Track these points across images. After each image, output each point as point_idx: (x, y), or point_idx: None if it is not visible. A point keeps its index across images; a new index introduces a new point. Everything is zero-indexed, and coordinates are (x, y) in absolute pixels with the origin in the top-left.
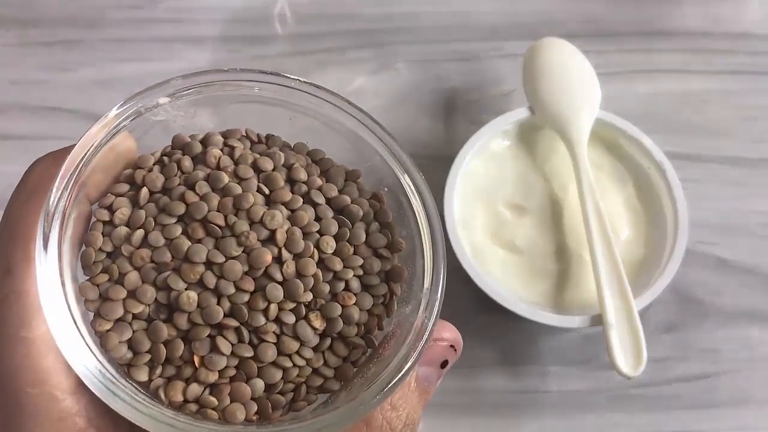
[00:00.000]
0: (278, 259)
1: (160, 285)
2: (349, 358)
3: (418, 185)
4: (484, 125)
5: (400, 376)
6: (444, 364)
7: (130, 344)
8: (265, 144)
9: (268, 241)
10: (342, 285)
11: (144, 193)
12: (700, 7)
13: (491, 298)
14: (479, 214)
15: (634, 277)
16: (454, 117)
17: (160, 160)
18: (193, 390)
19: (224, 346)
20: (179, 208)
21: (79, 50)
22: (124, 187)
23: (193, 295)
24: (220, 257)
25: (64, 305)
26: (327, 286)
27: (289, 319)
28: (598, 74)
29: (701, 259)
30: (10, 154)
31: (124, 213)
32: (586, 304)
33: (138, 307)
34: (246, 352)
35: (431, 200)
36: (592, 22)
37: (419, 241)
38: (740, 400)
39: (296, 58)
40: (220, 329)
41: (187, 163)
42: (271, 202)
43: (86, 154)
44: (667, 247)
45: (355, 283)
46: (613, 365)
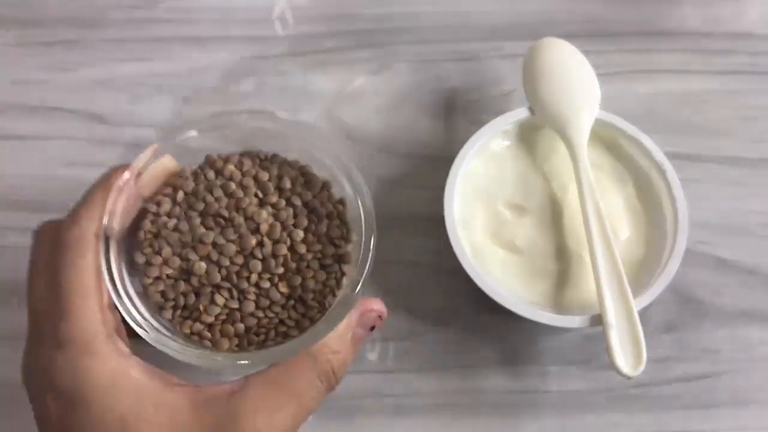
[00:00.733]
0: (261, 244)
1: (183, 257)
2: (306, 314)
3: (363, 198)
4: (484, 125)
5: (338, 322)
6: (372, 329)
7: (162, 294)
8: (268, 161)
9: (256, 231)
10: (305, 264)
11: (180, 194)
12: (699, 8)
13: (491, 298)
14: (479, 214)
15: (634, 277)
16: (454, 117)
17: (194, 172)
18: (197, 327)
19: (219, 299)
20: (200, 205)
21: (79, 50)
22: (167, 189)
23: (202, 265)
24: (221, 240)
25: (117, 270)
26: (294, 264)
27: (265, 284)
28: (598, 74)
29: (701, 259)
30: (10, 154)
31: (165, 208)
32: (586, 304)
33: (168, 270)
34: (234, 305)
35: (371, 206)
36: (592, 22)
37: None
38: (740, 400)
39: (297, 59)
40: (218, 288)
41: (211, 175)
42: (263, 203)
43: (141, 167)
44: (667, 247)
45: (315, 263)
46: (612, 365)
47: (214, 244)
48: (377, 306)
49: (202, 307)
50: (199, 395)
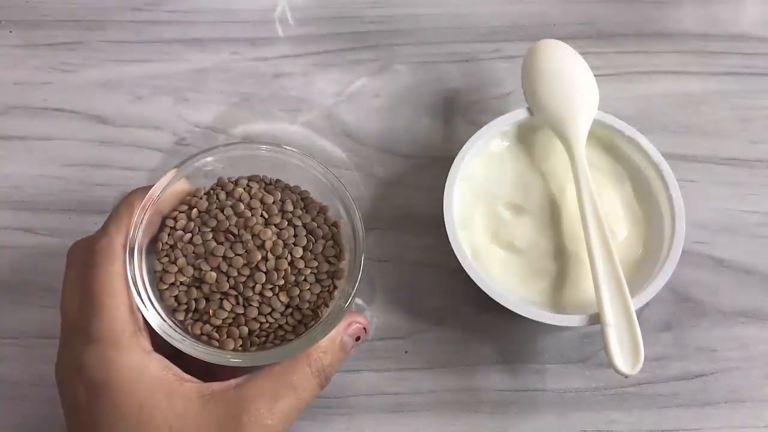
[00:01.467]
0: (265, 258)
1: (196, 266)
2: (302, 321)
3: (355, 222)
4: (483, 126)
5: (330, 329)
6: (357, 339)
7: (176, 298)
8: (273, 185)
9: (261, 247)
10: (302, 277)
11: (194, 212)
12: (697, 9)
13: (491, 298)
14: (479, 215)
15: (632, 277)
16: (453, 118)
17: (207, 192)
18: (206, 328)
19: (227, 305)
20: (212, 222)
21: (81, 52)
22: (184, 207)
23: (213, 275)
24: (230, 254)
25: (140, 276)
26: (293, 277)
27: (268, 294)
28: (596, 75)
29: (698, 259)
30: (12, 155)
31: (181, 223)
32: (585, 304)
33: (182, 278)
34: (239, 310)
35: (361, 229)
36: (590, 24)
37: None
38: (737, 398)
39: (297, 60)
40: (226, 296)
41: (222, 195)
42: (268, 223)
43: (161, 190)
44: (665, 246)
45: (311, 277)
46: (610, 364)
47: (224, 257)
48: (361, 319)
49: (211, 311)
50: (208, 389)
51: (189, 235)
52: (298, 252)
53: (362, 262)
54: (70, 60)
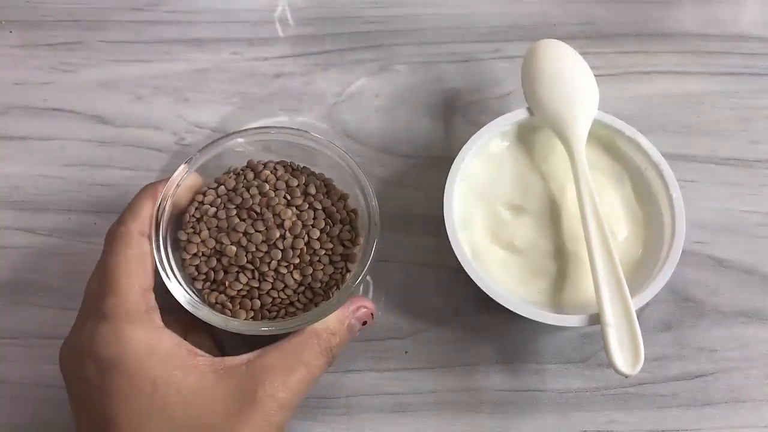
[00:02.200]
0: (283, 237)
1: (218, 239)
2: (313, 300)
3: (372, 211)
4: (483, 126)
5: (339, 306)
6: (364, 323)
7: (196, 267)
8: (299, 170)
9: (281, 226)
10: (317, 258)
11: (222, 189)
12: (697, 9)
13: (491, 298)
14: (479, 215)
15: (632, 277)
16: (453, 118)
17: (237, 172)
18: (221, 298)
19: (243, 278)
20: (237, 200)
21: (81, 52)
22: (213, 184)
23: (233, 248)
24: (251, 230)
25: (164, 248)
26: (308, 257)
27: (282, 270)
28: (596, 75)
29: (698, 259)
30: (12, 155)
31: (209, 198)
32: (585, 304)
33: (204, 249)
34: (254, 284)
35: (377, 218)
36: (590, 24)
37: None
38: (737, 398)
39: (297, 60)
40: (243, 269)
41: (251, 176)
42: (290, 204)
43: (178, 181)
44: (665, 246)
45: (325, 259)
46: (610, 364)
47: (245, 233)
48: (368, 303)
49: (227, 282)
50: (221, 364)
51: (214, 209)
52: (315, 233)
53: (375, 247)
54: (70, 60)
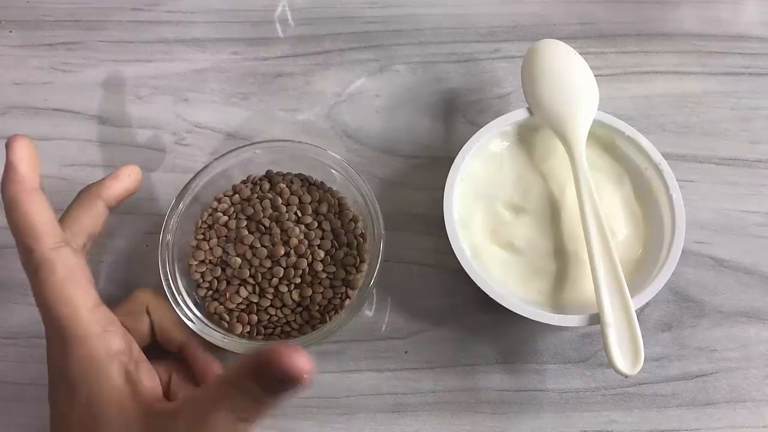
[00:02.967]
0: (287, 255)
1: (225, 249)
2: (309, 322)
3: (379, 237)
4: (483, 126)
5: (332, 335)
6: (285, 388)
7: (202, 275)
8: (315, 186)
9: (286, 243)
10: (318, 281)
11: (236, 198)
12: (696, 10)
13: (491, 298)
14: (478, 214)
15: (632, 277)
16: (453, 118)
17: (254, 181)
18: (220, 308)
19: (243, 292)
20: (249, 211)
21: (81, 52)
22: (230, 192)
23: (237, 260)
24: (257, 244)
25: (171, 267)
26: (309, 278)
27: (283, 289)
28: (596, 75)
29: (698, 259)
30: None
31: (223, 206)
32: (585, 303)
33: (211, 257)
34: (254, 298)
35: (381, 244)
36: (590, 24)
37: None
38: (736, 398)
39: (297, 60)
40: (245, 283)
41: (266, 186)
42: (299, 221)
43: (198, 182)
44: (665, 246)
45: (326, 282)
46: (610, 363)
47: (251, 246)
48: (296, 360)
49: (228, 294)
50: (153, 409)
51: (226, 218)
52: (320, 255)
53: (377, 273)
54: (70, 60)
